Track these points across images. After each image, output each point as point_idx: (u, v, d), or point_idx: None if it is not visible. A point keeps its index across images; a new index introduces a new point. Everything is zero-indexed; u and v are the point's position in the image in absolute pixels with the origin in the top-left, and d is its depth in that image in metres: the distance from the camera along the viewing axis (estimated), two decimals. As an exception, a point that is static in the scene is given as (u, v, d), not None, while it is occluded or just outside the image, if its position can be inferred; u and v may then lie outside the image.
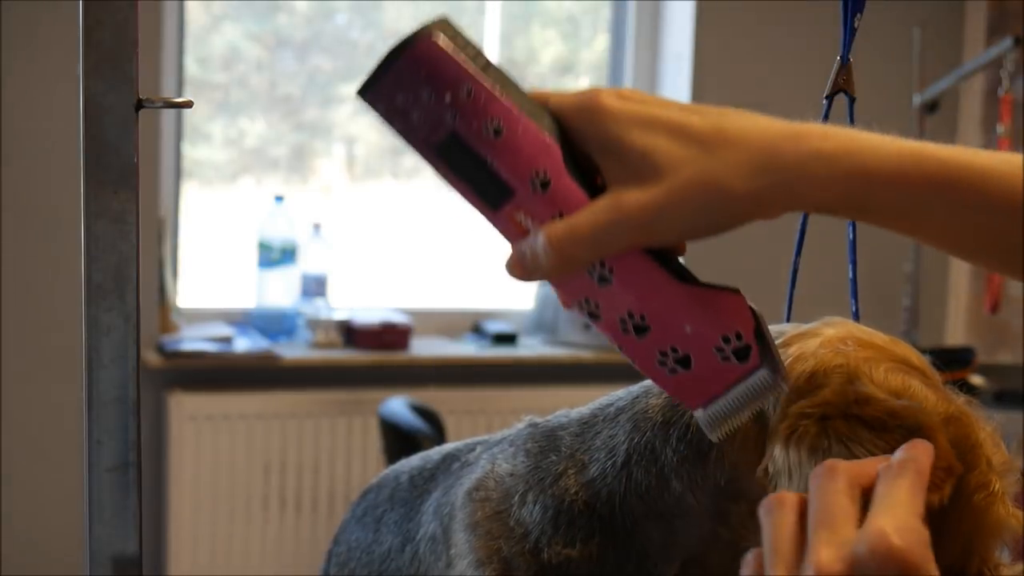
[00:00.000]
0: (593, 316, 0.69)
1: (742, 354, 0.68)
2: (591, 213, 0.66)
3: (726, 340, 0.67)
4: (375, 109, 0.70)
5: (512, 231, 0.68)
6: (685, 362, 0.68)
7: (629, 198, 0.65)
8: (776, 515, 0.60)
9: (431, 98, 0.67)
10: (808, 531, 0.59)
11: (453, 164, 0.68)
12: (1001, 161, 0.66)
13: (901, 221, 0.68)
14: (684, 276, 0.68)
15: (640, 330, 0.68)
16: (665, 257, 0.68)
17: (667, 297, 0.67)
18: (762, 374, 0.68)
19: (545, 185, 0.67)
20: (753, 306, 0.69)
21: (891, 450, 0.67)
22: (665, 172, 0.65)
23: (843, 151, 0.65)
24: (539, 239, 0.67)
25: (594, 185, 0.68)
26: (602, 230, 0.66)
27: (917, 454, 0.62)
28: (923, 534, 0.57)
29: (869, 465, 0.61)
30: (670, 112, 0.67)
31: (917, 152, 0.66)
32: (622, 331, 0.68)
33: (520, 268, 0.68)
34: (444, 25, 0.68)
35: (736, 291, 0.69)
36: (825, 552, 0.57)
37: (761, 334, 0.68)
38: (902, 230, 0.69)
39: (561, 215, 0.67)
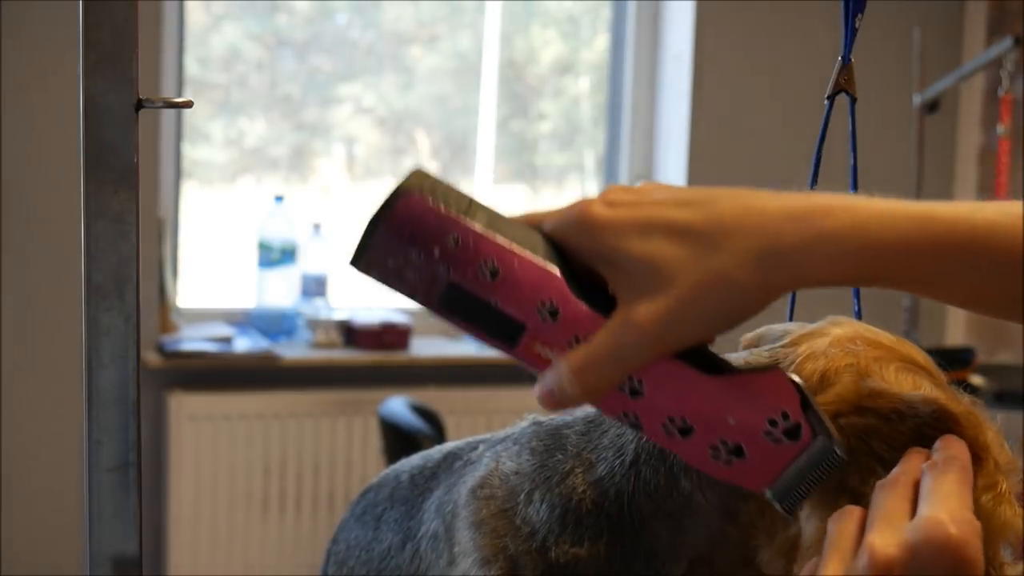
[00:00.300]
0: (636, 426, 0.68)
1: (793, 433, 0.66)
2: (606, 334, 0.65)
3: (772, 423, 0.66)
4: (370, 276, 0.68)
5: (535, 363, 0.67)
6: (738, 451, 0.67)
7: (640, 311, 0.64)
8: (840, 522, 0.62)
9: (420, 256, 0.66)
10: (865, 528, 0.60)
11: (459, 313, 0.67)
12: (1005, 214, 0.65)
13: (912, 285, 0.67)
14: (716, 367, 0.67)
15: (685, 432, 0.67)
16: (692, 354, 0.66)
17: (703, 394, 0.66)
18: (817, 446, 0.66)
19: (554, 313, 0.66)
20: (795, 378, 0.68)
21: (910, 439, 0.68)
22: (671, 278, 0.64)
23: (849, 227, 0.64)
24: (563, 370, 0.66)
25: (606, 298, 0.66)
26: (620, 349, 0.65)
27: (958, 452, 0.64)
28: (977, 526, 0.58)
29: (915, 467, 0.63)
30: (664, 211, 0.65)
31: (924, 216, 0.64)
32: (667, 435, 0.67)
33: (550, 400, 0.67)
34: (419, 177, 0.67)
35: (774, 368, 0.68)
36: (880, 537, 0.58)
37: (808, 406, 0.67)
38: (911, 291, 0.68)
39: (577, 339, 0.66)
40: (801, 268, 0.64)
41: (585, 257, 0.67)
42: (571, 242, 0.67)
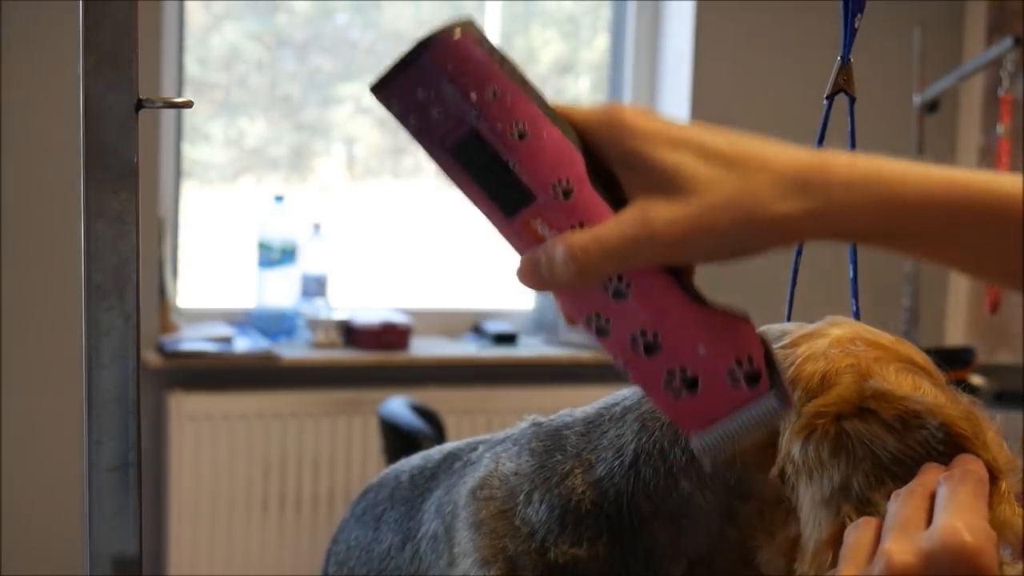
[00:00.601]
0: (601, 332, 0.67)
1: (753, 379, 0.66)
2: (618, 225, 0.64)
3: (739, 363, 0.66)
4: (388, 106, 0.66)
5: (525, 239, 0.66)
6: (692, 384, 0.66)
7: (658, 212, 0.63)
8: (857, 531, 0.63)
9: (455, 94, 0.64)
10: (881, 537, 0.61)
11: (470, 165, 0.65)
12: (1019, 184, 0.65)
13: (928, 246, 0.67)
14: (699, 298, 0.66)
15: (650, 349, 0.66)
16: (680, 275, 0.66)
17: (683, 316, 0.65)
18: (770, 400, 0.66)
19: (567, 194, 0.65)
20: (762, 334, 0.67)
21: (919, 454, 0.69)
22: (696, 190, 0.63)
23: (872, 178, 0.64)
24: (558, 248, 0.64)
25: (615, 200, 0.65)
26: (629, 243, 0.63)
27: (975, 467, 0.65)
28: (992, 535, 0.59)
29: (931, 479, 0.64)
30: (695, 133, 0.65)
31: (944, 178, 0.65)
32: (631, 348, 0.66)
33: (534, 276, 0.65)
34: (470, 26, 0.65)
35: (747, 317, 0.67)
36: (896, 545, 0.59)
37: (771, 362, 0.67)
38: (927, 255, 0.68)
39: (582, 225, 0.65)
40: (824, 212, 0.64)
41: (607, 158, 0.66)
42: (596, 139, 0.66)
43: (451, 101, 0.64)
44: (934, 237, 0.65)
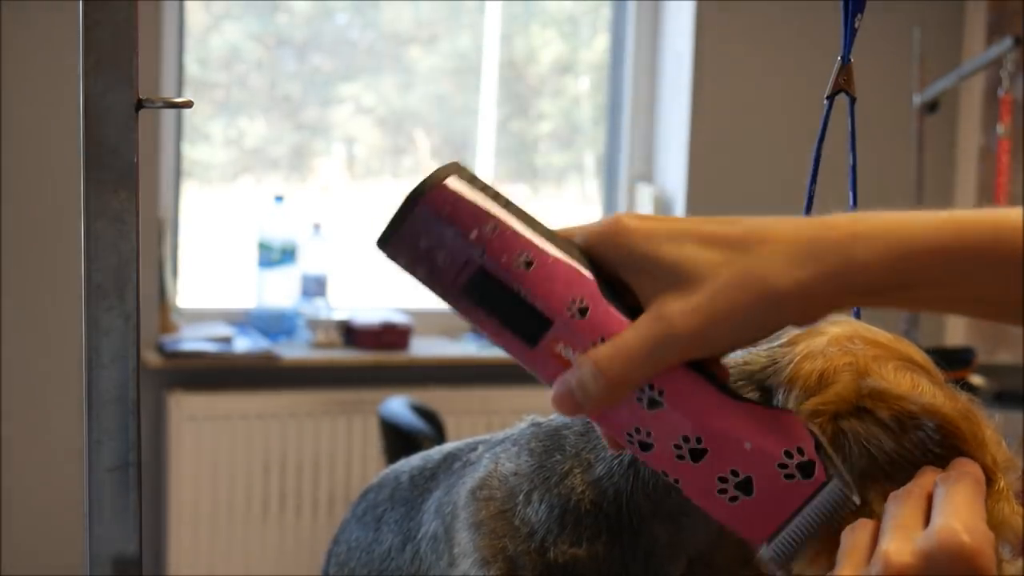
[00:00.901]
0: (645, 447, 0.66)
1: (807, 469, 0.65)
2: (636, 330, 0.64)
3: (788, 455, 0.65)
4: (396, 260, 0.67)
5: (553, 366, 0.66)
6: (747, 486, 0.65)
7: (672, 308, 0.63)
8: (854, 533, 0.63)
9: (456, 237, 0.65)
10: (879, 537, 0.61)
11: (484, 302, 0.66)
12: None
13: (941, 293, 0.66)
14: (736, 395, 0.66)
15: (697, 454, 0.65)
16: (714, 376, 0.66)
17: (723, 414, 0.65)
18: (832, 488, 0.65)
19: (584, 311, 0.65)
20: (810, 426, 0.67)
21: (915, 456, 0.69)
22: (703, 277, 0.63)
23: (881, 230, 0.64)
24: (585, 365, 0.64)
25: (630, 307, 0.66)
26: (650, 345, 0.63)
27: (972, 469, 0.65)
28: (990, 536, 0.59)
29: (928, 480, 0.64)
30: (695, 223, 0.65)
31: (952, 222, 0.64)
32: (677, 458, 0.66)
33: (568, 401, 0.65)
34: (458, 167, 0.66)
35: (788, 411, 0.67)
36: (894, 545, 0.59)
37: (822, 449, 0.66)
38: (941, 303, 0.67)
39: (603, 340, 0.65)
40: (838, 272, 0.63)
41: (614, 266, 0.66)
42: (601, 251, 0.67)
43: (453, 244, 0.65)
44: (946, 283, 0.64)
